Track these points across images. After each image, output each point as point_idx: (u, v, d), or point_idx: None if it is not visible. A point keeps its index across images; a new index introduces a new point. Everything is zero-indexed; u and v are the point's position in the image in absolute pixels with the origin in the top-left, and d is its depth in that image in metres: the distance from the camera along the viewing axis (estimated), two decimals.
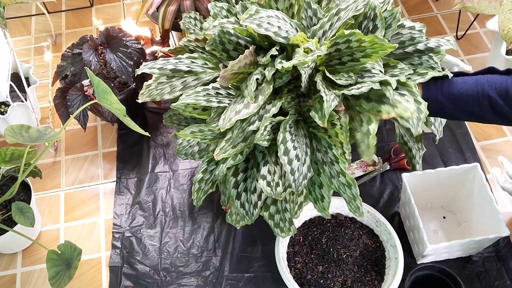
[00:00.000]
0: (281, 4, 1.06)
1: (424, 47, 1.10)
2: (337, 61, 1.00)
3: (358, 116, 0.97)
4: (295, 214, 1.12)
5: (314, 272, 1.25)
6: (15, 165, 1.19)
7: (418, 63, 1.10)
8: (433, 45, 1.10)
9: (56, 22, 1.93)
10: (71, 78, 1.42)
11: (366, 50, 0.94)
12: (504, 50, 1.47)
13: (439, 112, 1.04)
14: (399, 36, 1.11)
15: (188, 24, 1.29)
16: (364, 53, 0.95)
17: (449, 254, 1.27)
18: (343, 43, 0.96)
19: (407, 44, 1.10)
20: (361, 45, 0.94)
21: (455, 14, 1.84)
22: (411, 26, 1.11)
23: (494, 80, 0.96)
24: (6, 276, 1.34)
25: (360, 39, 0.92)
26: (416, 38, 1.09)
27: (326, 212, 1.03)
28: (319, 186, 1.03)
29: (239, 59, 0.96)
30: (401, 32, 1.11)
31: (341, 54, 0.98)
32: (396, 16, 1.06)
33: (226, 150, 1.00)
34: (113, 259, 1.35)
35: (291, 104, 1.02)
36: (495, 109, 0.96)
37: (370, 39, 0.91)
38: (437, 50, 1.09)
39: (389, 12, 1.07)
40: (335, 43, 0.97)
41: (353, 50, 0.96)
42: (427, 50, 1.10)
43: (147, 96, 1.13)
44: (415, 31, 1.10)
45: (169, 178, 1.50)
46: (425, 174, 1.26)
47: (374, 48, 0.93)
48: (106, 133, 1.62)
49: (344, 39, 0.94)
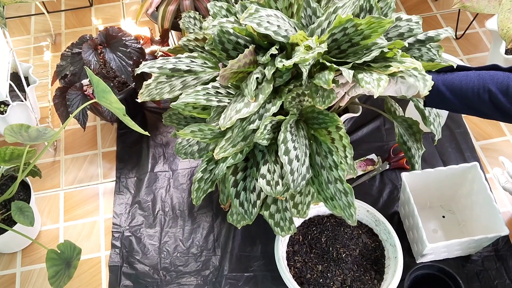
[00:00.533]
0: (281, 3, 1.07)
1: (424, 37, 1.12)
2: (336, 51, 1.00)
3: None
4: (304, 214, 1.11)
5: (313, 271, 1.25)
6: (14, 164, 1.19)
7: (418, 56, 1.11)
8: (433, 34, 1.12)
9: (55, 22, 1.93)
10: (70, 77, 1.42)
11: (364, 32, 0.95)
12: (503, 49, 1.47)
13: (440, 102, 1.03)
14: (398, 29, 1.12)
15: (188, 23, 1.29)
16: (362, 35, 0.96)
17: (448, 253, 1.27)
18: (339, 32, 0.96)
19: (406, 36, 1.11)
20: (358, 29, 0.94)
21: (454, 14, 1.84)
22: (408, 19, 1.13)
23: (496, 75, 0.96)
24: (6, 275, 1.34)
25: (355, 23, 0.93)
26: (414, 29, 1.11)
27: (339, 210, 1.01)
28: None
29: (239, 58, 0.96)
30: (399, 24, 1.12)
31: (339, 43, 0.98)
32: (391, 5, 1.08)
33: (226, 149, 1.00)
34: (112, 258, 1.35)
35: (292, 103, 1.02)
36: (496, 104, 0.96)
37: (366, 20, 0.92)
38: (437, 38, 1.11)
39: (383, 1, 1.08)
40: (331, 34, 0.97)
41: (351, 36, 0.96)
42: (427, 40, 1.12)
43: (147, 96, 1.13)
44: (413, 23, 1.12)
45: (168, 177, 1.50)
46: (424, 173, 1.27)
47: (372, 28, 0.94)
48: (106, 133, 1.62)
49: (340, 27, 0.95)
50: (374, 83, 0.90)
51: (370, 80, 0.91)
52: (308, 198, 1.11)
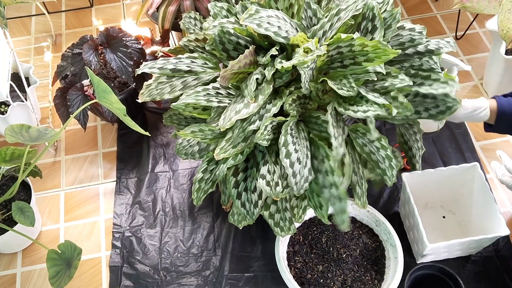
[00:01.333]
0: (281, 4, 1.07)
1: (424, 49, 1.10)
2: (339, 63, 1.00)
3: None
4: (299, 218, 1.12)
5: (314, 271, 1.25)
6: (15, 164, 1.19)
7: (418, 65, 1.10)
8: (433, 47, 1.10)
9: (56, 22, 1.93)
10: (71, 78, 1.42)
11: (368, 54, 0.94)
12: (504, 49, 1.47)
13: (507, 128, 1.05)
14: (399, 38, 1.11)
15: (188, 24, 1.29)
16: (366, 57, 0.95)
17: (448, 254, 1.28)
18: (346, 47, 0.96)
19: (406, 45, 1.10)
20: (364, 49, 0.94)
21: (454, 14, 1.84)
22: (411, 28, 1.11)
23: None
24: (6, 275, 1.34)
25: (363, 43, 0.93)
26: (416, 40, 1.09)
27: (325, 219, 1.04)
28: (317, 194, 1.03)
29: (239, 59, 0.97)
30: (401, 33, 1.11)
31: (343, 57, 0.98)
32: (396, 16, 1.06)
33: (226, 150, 1.00)
34: (113, 258, 1.35)
35: (292, 106, 1.02)
36: None
37: (373, 44, 0.92)
38: (437, 52, 1.09)
39: (389, 12, 1.07)
40: (337, 46, 0.97)
41: (355, 54, 0.96)
42: (427, 52, 1.10)
43: (147, 96, 1.13)
44: (415, 33, 1.10)
45: (169, 178, 1.50)
46: (424, 173, 1.27)
47: (377, 53, 0.94)
48: (106, 133, 1.62)
49: (347, 43, 0.95)
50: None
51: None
52: (304, 203, 1.11)
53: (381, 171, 1.07)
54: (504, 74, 1.51)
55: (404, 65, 1.10)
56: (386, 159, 1.05)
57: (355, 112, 0.95)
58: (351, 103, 0.99)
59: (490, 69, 1.59)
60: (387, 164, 1.06)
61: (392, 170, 1.06)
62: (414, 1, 1.94)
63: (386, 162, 1.06)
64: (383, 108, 0.95)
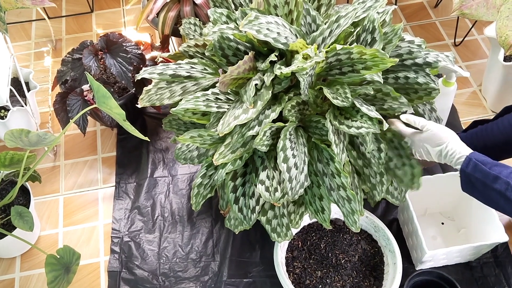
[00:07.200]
0: (281, 10, 1.07)
1: (422, 61, 1.10)
2: (337, 70, 1.00)
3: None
4: (296, 224, 1.12)
5: (312, 277, 1.25)
6: (14, 169, 1.19)
7: (414, 77, 1.09)
8: (432, 60, 1.09)
9: (56, 28, 1.94)
10: (71, 83, 1.42)
11: (366, 62, 0.95)
12: (502, 56, 1.47)
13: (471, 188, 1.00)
14: (398, 49, 1.11)
15: (188, 29, 1.29)
16: (364, 65, 0.96)
17: (447, 260, 1.27)
18: (344, 54, 0.97)
19: (404, 57, 1.10)
20: (362, 57, 0.95)
21: (453, 21, 1.85)
22: (410, 40, 1.11)
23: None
24: (5, 280, 1.34)
25: (361, 51, 0.93)
26: (414, 52, 1.09)
27: (327, 224, 1.04)
28: (320, 198, 1.04)
29: (238, 65, 0.97)
30: (400, 45, 1.11)
31: (342, 64, 0.99)
32: (398, 32, 1.05)
33: (225, 155, 1.00)
34: (111, 263, 1.35)
35: (291, 112, 1.02)
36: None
37: (371, 52, 0.92)
38: (435, 65, 1.10)
39: (391, 27, 1.06)
40: (336, 53, 0.97)
41: (354, 61, 0.97)
42: (425, 65, 1.10)
43: (147, 101, 1.14)
44: (414, 46, 1.10)
45: (168, 183, 1.50)
46: (423, 180, 1.26)
47: (375, 61, 0.94)
48: (106, 138, 1.62)
49: (346, 50, 0.95)
50: None
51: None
52: (301, 209, 1.12)
53: (371, 185, 1.07)
54: (502, 80, 1.51)
55: (400, 75, 1.11)
56: (378, 175, 1.07)
57: (348, 128, 0.96)
58: (346, 116, 1.00)
59: (489, 75, 1.60)
60: (378, 179, 1.07)
61: (382, 186, 1.07)
62: (413, 7, 1.95)
63: (377, 177, 1.07)
64: (376, 125, 0.96)
